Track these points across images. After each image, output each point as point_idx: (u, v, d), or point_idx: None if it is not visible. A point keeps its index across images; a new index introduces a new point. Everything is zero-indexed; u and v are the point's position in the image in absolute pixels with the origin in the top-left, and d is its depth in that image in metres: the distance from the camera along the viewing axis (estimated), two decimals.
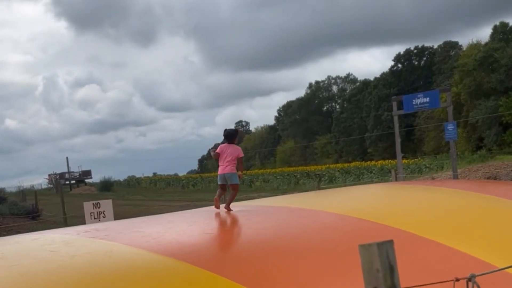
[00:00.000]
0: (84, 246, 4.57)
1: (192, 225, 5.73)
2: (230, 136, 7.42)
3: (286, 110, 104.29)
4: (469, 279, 2.56)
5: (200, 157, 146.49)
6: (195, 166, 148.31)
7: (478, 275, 2.60)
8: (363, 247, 2.01)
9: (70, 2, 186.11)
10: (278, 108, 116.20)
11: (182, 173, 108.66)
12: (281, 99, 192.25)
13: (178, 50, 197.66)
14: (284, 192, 40.69)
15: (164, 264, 3.87)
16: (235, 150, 7.33)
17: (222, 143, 7.45)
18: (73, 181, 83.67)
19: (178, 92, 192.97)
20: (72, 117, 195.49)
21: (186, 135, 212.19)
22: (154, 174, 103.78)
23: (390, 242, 2.01)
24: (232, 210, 6.62)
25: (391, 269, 1.99)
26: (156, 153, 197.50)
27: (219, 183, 7.43)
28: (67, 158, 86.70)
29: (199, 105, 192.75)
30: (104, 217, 14.45)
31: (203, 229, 5.41)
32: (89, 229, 5.59)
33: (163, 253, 4.11)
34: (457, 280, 2.54)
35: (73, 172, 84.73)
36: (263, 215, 6.36)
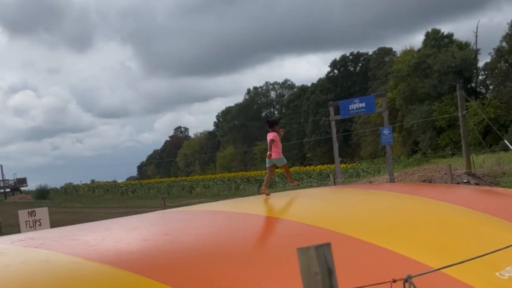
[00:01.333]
0: (18, 256, 4.45)
1: (130, 232, 5.65)
2: (269, 124, 8.81)
3: (225, 116, 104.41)
4: (406, 280, 2.61)
5: (139, 164, 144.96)
6: (134, 172, 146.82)
7: (414, 276, 2.66)
8: (301, 251, 2.02)
9: (2, 6, 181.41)
10: (217, 113, 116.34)
11: (121, 179, 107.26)
12: (219, 104, 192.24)
13: (115, 55, 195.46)
14: (225, 197, 40.64)
15: (101, 272, 3.80)
16: (268, 136, 8.69)
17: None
18: (8, 190, 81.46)
19: (116, 98, 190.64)
20: (6, 124, 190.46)
21: (124, 141, 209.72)
22: (92, 181, 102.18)
23: (328, 244, 2.03)
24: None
25: (329, 272, 2.01)
26: (94, 160, 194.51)
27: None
28: (1, 166, 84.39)
29: (137, 111, 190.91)
30: (40, 225, 14.12)
31: (142, 235, 5.34)
32: (24, 237, 5.44)
33: (101, 260, 4.04)
34: (394, 281, 2.59)
35: (7, 180, 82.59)
36: (203, 220, 6.33)
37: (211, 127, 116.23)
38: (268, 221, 5.53)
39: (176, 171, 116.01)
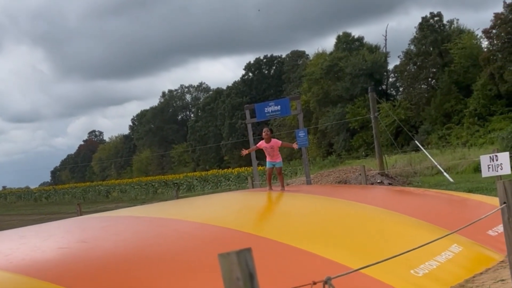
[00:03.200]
0: None
1: (46, 240, 5.51)
2: (272, 131, 10.02)
3: (141, 119, 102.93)
4: (326, 282, 2.67)
5: (52, 169, 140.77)
6: (47, 178, 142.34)
7: (334, 277, 2.72)
8: (222, 256, 2.02)
9: None
10: (132, 117, 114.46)
11: (34, 185, 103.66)
12: (135, 108, 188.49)
13: (25, 58, 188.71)
14: (143, 202, 40.06)
15: (16, 282, 3.71)
16: (275, 142, 9.75)
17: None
18: None
19: (27, 102, 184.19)
20: None
21: (36, 146, 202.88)
22: (4, 187, 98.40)
23: (249, 250, 2.03)
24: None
25: (251, 277, 2.01)
26: (5, 166, 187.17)
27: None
28: None
29: (49, 115, 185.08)
30: None
31: (58, 243, 5.22)
32: None
33: (16, 270, 3.94)
34: (314, 283, 2.64)
35: None
36: (121, 226, 6.26)
37: (126, 131, 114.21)
38: (188, 225, 5.52)
39: (91, 175, 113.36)
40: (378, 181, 19.80)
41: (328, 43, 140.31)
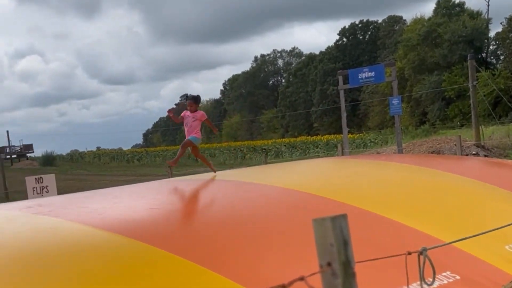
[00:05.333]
0: (27, 223, 4.43)
1: (138, 200, 5.63)
2: (197, 100, 8.00)
3: (232, 84, 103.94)
4: (421, 253, 2.57)
5: (145, 131, 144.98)
6: (140, 140, 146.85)
7: (429, 249, 2.61)
8: (316, 222, 1.98)
9: None
10: (223, 81, 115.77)
11: (126, 147, 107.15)
12: (227, 72, 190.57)
13: (123, 21, 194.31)
14: (231, 166, 40.68)
15: (108, 240, 3.78)
16: (200, 114, 7.97)
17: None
18: (14, 156, 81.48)
19: (122, 65, 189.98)
20: (13, 89, 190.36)
21: (130, 108, 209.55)
22: (98, 148, 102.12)
23: (344, 216, 1.99)
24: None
25: (345, 244, 1.97)
26: (100, 127, 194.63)
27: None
28: (7, 131, 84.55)
29: (143, 78, 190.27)
30: (47, 192, 14.15)
31: (150, 204, 5.31)
32: (32, 204, 5.42)
33: (108, 229, 4.02)
34: (409, 253, 2.55)
35: (14, 146, 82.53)
36: (210, 189, 6.31)
37: (217, 95, 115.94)
38: (276, 191, 5.47)
39: (181, 139, 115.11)
40: (474, 152, 19.13)
41: (427, 8, 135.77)
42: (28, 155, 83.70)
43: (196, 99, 7.82)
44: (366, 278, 2.45)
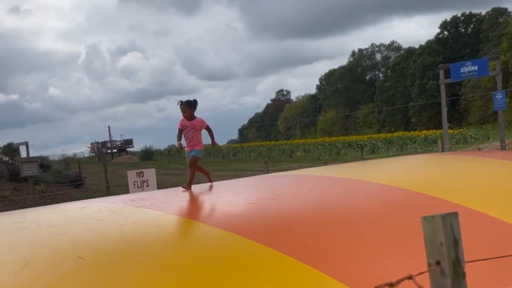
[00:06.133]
0: (130, 215, 4.55)
1: (236, 195, 5.68)
2: (192, 105, 6.95)
3: (328, 79, 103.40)
4: None
5: (240, 127, 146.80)
6: (235, 135, 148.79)
7: None
8: (426, 219, 1.94)
9: None
10: (320, 76, 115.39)
11: (222, 142, 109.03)
12: (323, 67, 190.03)
13: (221, 17, 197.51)
14: (326, 162, 40.42)
15: (210, 234, 3.83)
16: (201, 123, 6.98)
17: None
18: (114, 150, 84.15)
19: (220, 61, 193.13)
20: (114, 85, 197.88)
21: (226, 104, 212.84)
22: None
23: (455, 214, 1.94)
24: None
25: (456, 242, 1.92)
26: None
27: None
28: (109, 126, 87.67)
29: (240, 74, 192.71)
30: (147, 186, 14.55)
31: (247, 199, 5.35)
32: (135, 198, 5.58)
33: (209, 222, 4.07)
34: None
35: (115, 141, 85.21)
36: (307, 185, 6.27)
37: (313, 90, 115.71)
38: (376, 187, 5.35)
39: (276, 134, 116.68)
40: None
41: None
42: (128, 149, 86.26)
43: (190, 104, 6.85)
44: (476, 278, 2.35)
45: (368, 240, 3.63)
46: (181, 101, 6.87)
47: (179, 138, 6.83)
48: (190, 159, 6.87)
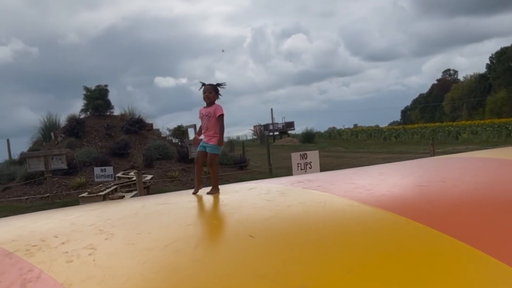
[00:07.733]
0: (298, 196, 4.61)
1: (405, 178, 5.54)
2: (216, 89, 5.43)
3: (500, 57, 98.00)
4: None
5: (403, 108, 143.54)
6: (397, 117, 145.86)
7: None
8: None
9: None
10: (490, 55, 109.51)
11: (383, 124, 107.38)
12: (495, 45, 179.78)
13: None
14: (495, 145, 38.47)
15: (377, 216, 3.78)
16: (217, 109, 5.45)
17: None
18: (276, 133, 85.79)
19: (385, 41, 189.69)
20: (278, 68, 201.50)
21: (389, 85, 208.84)
22: (355, 125, 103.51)
23: None
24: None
25: None
26: (357, 104, 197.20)
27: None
28: (271, 109, 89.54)
29: (405, 54, 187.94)
30: (310, 168, 14.69)
31: (417, 182, 5.20)
32: (302, 179, 5.63)
33: (376, 205, 4.01)
34: None
35: (277, 123, 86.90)
36: (480, 168, 5.98)
37: (483, 70, 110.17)
38: None
39: (441, 116, 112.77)
40: None
41: None
42: (289, 132, 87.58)
43: (217, 87, 5.40)
44: None
45: None
46: (204, 84, 5.36)
47: (199, 133, 5.60)
48: (208, 160, 5.50)
